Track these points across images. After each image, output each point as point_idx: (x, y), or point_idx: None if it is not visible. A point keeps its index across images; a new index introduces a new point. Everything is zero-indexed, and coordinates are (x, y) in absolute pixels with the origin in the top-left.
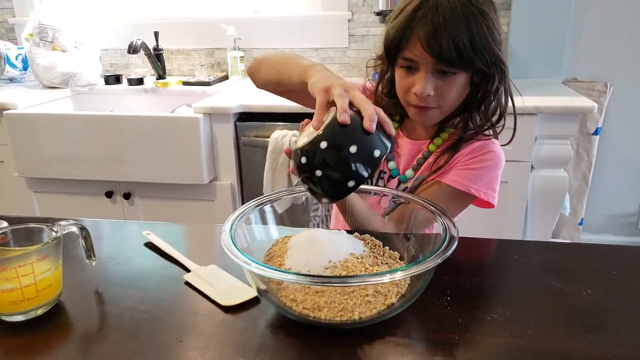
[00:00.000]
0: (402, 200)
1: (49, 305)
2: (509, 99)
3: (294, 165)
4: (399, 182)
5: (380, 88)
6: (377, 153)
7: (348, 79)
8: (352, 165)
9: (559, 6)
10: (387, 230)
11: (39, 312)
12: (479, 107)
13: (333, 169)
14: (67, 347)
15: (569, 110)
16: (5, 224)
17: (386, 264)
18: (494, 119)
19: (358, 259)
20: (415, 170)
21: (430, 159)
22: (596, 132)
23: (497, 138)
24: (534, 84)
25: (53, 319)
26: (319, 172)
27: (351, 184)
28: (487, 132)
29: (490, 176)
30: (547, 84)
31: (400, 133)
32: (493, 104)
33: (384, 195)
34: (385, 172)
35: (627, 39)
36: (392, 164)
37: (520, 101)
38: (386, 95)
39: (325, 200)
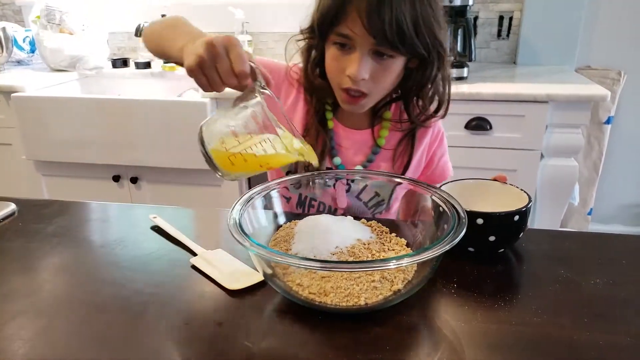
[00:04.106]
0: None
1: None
2: (447, 86)
3: None
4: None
5: (309, 68)
6: None
7: None
8: None
9: None
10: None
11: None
12: (415, 95)
13: None
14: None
15: (581, 98)
16: (13, 206)
17: (393, 250)
18: (432, 107)
19: (365, 244)
20: (366, 167)
21: (387, 154)
22: (608, 121)
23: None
24: (546, 71)
25: (58, 301)
26: None
27: None
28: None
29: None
30: (559, 71)
31: (336, 122)
32: (430, 92)
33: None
34: (331, 169)
35: None
36: (337, 160)
37: (528, 88)
38: (320, 77)
39: None
